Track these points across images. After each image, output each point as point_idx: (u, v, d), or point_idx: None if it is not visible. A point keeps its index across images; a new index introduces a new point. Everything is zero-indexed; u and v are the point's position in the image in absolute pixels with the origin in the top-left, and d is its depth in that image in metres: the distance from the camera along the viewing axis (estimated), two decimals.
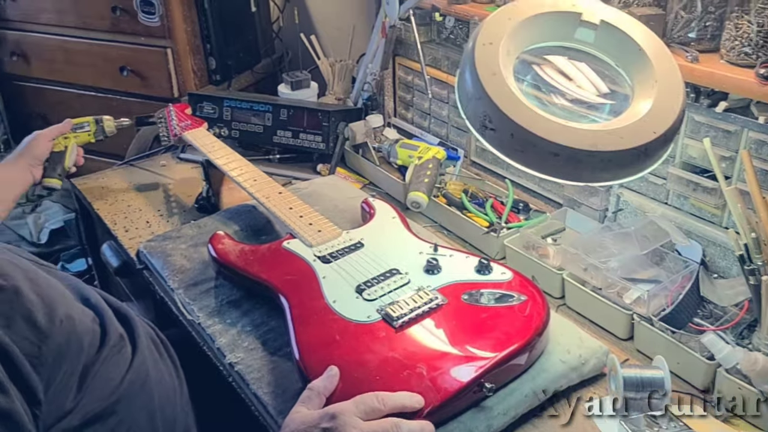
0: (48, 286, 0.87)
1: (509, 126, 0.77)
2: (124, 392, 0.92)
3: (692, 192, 1.14)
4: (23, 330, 0.78)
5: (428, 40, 1.69)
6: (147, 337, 1.03)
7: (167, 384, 1.03)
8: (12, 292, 0.80)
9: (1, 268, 0.82)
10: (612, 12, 0.91)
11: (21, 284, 0.81)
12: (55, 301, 0.85)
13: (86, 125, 1.57)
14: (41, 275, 0.88)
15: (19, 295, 0.80)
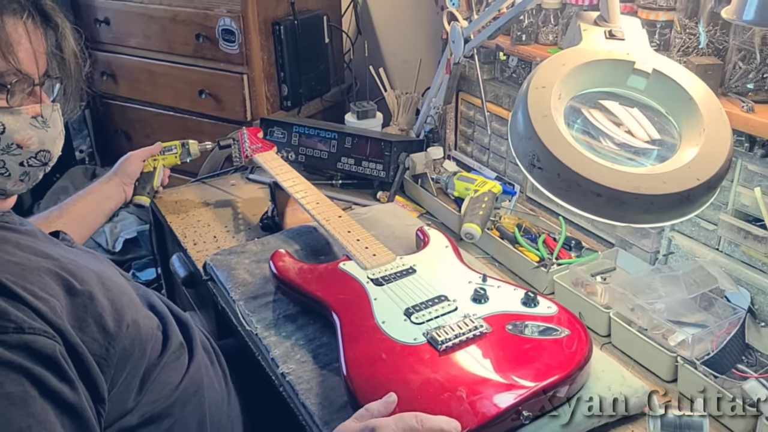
0: (120, 291, 0.92)
1: (556, 166, 0.82)
2: (180, 396, 0.98)
3: (743, 239, 1.15)
4: (93, 332, 0.83)
5: (491, 78, 1.74)
6: (202, 346, 1.10)
7: (217, 392, 1.08)
8: (87, 296, 0.85)
9: (79, 272, 0.87)
10: (664, 61, 0.95)
11: (95, 289, 0.86)
12: (124, 306, 0.90)
13: (173, 148, 1.68)
14: (114, 280, 0.94)
15: (92, 300, 0.85)
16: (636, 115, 0.95)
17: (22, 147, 0.87)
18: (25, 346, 0.73)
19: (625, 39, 0.97)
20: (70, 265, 0.87)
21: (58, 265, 0.85)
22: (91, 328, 0.83)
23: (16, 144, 0.86)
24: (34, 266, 0.82)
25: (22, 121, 0.86)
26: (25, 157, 0.88)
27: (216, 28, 2.11)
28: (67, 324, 0.79)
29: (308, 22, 2.22)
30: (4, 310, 0.74)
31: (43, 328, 0.76)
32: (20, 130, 0.86)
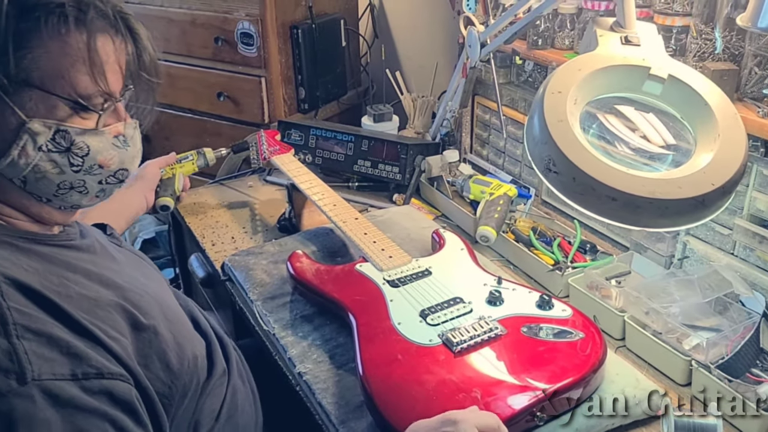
0: (178, 321, 0.92)
1: (571, 170, 0.83)
2: (220, 425, 0.98)
3: (758, 244, 1.15)
4: (157, 370, 0.83)
5: (507, 82, 1.75)
6: (237, 365, 1.09)
7: (248, 414, 1.08)
8: (152, 332, 0.84)
9: (143, 304, 0.86)
10: (680, 67, 0.96)
11: (158, 322, 0.86)
12: (184, 339, 0.90)
13: (189, 156, 1.71)
14: (173, 309, 0.93)
15: (157, 335, 0.84)
16: (652, 120, 0.95)
17: (103, 167, 0.86)
18: (106, 391, 0.74)
19: (641, 45, 0.98)
20: (133, 296, 0.86)
21: (122, 296, 0.85)
22: (156, 365, 0.83)
23: (98, 165, 0.85)
24: (104, 301, 0.81)
25: (105, 141, 0.85)
26: (104, 176, 0.87)
27: (235, 31, 2.13)
28: (136, 364, 0.79)
29: (326, 25, 2.24)
30: (85, 354, 0.74)
31: (119, 372, 0.76)
32: (103, 150, 0.85)
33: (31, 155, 0.79)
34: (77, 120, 0.81)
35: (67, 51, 0.77)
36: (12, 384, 0.68)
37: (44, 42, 0.76)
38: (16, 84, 0.75)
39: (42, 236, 0.86)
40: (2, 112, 0.77)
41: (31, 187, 0.82)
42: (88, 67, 0.79)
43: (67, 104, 0.79)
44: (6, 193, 0.83)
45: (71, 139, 0.81)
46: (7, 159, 0.79)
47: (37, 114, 0.78)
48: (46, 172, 0.81)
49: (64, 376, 0.71)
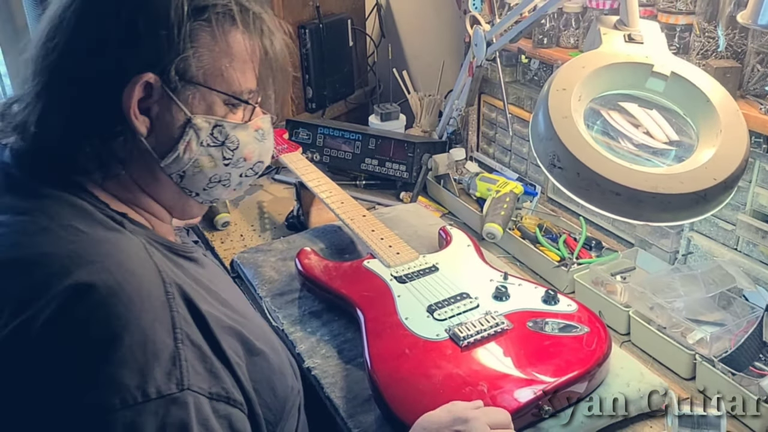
0: (276, 349, 0.90)
1: (575, 165, 0.85)
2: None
3: (761, 239, 1.16)
4: (267, 396, 0.83)
5: (513, 80, 1.77)
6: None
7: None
8: (263, 358, 0.84)
9: (253, 329, 0.85)
10: (682, 64, 0.97)
11: (265, 349, 0.85)
12: (283, 365, 0.89)
13: None
14: (266, 332, 0.91)
15: (267, 362, 0.84)
16: (655, 116, 0.97)
17: (247, 160, 0.89)
18: (228, 417, 0.74)
19: (644, 42, 0.99)
20: (242, 320, 0.86)
21: (236, 319, 0.84)
22: (266, 391, 0.84)
23: (243, 158, 0.88)
24: (225, 322, 0.81)
25: (249, 135, 0.87)
26: (245, 168, 0.90)
27: None
28: (252, 390, 0.80)
29: (333, 25, 2.25)
30: (220, 375, 0.74)
31: (240, 400, 0.76)
32: (248, 144, 0.87)
33: (194, 150, 0.82)
34: (230, 115, 0.84)
35: (225, 50, 0.81)
36: (173, 387, 0.69)
37: (208, 41, 0.79)
38: (183, 82, 0.78)
39: (176, 246, 0.86)
40: (170, 110, 0.80)
41: (187, 181, 0.85)
42: (241, 65, 0.83)
43: (225, 101, 0.83)
44: (161, 189, 0.86)
45: (226, 133, 0.84)
46: (173, 155, 0.82)
47: (198, 110, 0.81)
48: (203, 167, 0.84)
49: (204, 392, 0.72)
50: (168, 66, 0.77)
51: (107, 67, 0.76)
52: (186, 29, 0.77)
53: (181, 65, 0.78)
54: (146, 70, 0.76)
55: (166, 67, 0.77)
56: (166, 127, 0.80)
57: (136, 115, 0.77)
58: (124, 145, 0.79)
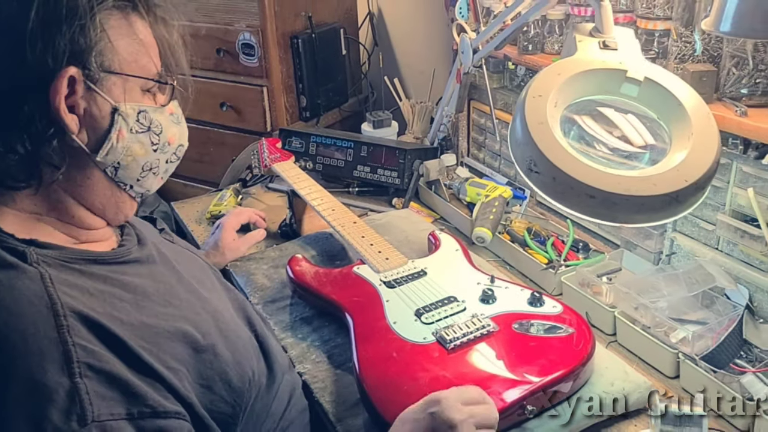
0: (235, 335, 0.92)
1: (551, 170, 0.87)
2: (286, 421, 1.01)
3: (740, 239, 1.18)
4: (221, 390, 0.85)
5: (501, 86, 1.79)
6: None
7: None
8: (211, 353, 0.85)
9: (202, 324, 0.87)
10: (655, 69, 1.00)
11: (217, 342, 0.87)
12: (241, 356, 0.91)
13: (224, 196, 1.84)
14: (228, 322, 0.93)
15: (216, 356, 0.85)
16: (632, 120, 0.99)
17: (170, 144, 0.91)
18: (159, 430, 0.74)
19: (618, 49, 1.02)
20: (191, 314, 0.88)
21: (181, 316, 0.86)
22: (218, 386, 0.85)
23: (167, 142, 0.90)
24: (162, 327, 0.82)
25: (167, 119, 0.90)
26: (170, 153, 0.92)
27: (236, 42, 2.18)
28: (193, 395, 0.80)
29: (325, 35, 2.29)
30: (143, 392, 0.74)
31: (175, 410, 0.76)
32: (169, 127, 0.90)
33: (126, 138, 0.84)
34: (147, 100, 0.87)
35: (134, 37, 0.83)
36: (73, 426, 0.68)
37: (118, 29, 0.81)
38: (103, 72, 0.80)
39: (103, 256, 0.86)
40: (96, 103, 0.81)
41: (122, 172, 0.86)
42: (150, 50, 0.86)
43: (143, 85, 0.85)
44: (94, 188, 0.86)
45: (150, 118, 0.86)
46: (107, 145, 0.83)
47: (121, 99, 0.83)
48: (136, 154, 0.86)
49: (121, 416, 0.72)
50: (87, 57, 0.78)
51: (29, 68, 0.75)
52: (97, 19, 0.79)
53: (99, 56, 0.79)
54: (67, 64, 0.77)
55: (86, 59, 0.78)
56: (95, 121, 0.82)
57: (65, 111, 0.78)
58: (57, 149, 0.79)
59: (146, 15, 0.85)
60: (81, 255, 0.83)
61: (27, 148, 0.77)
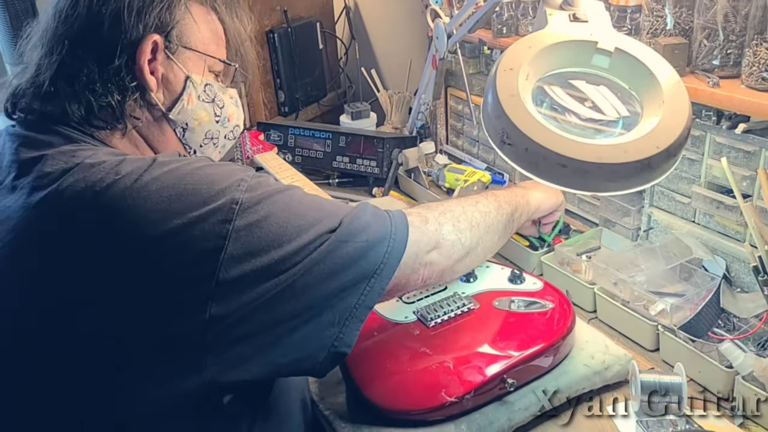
0: None
1: (524, 141, 0.87)
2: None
3: (716, 210, 1.20)
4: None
5: (477, 72, 1.80)
6: None
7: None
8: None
9: None
10: (626, 40, 1.00)
11: None
12: None
13: None
14: None
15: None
16: (603, 91, 1.00)
17: (230, 121, 1.05)
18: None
19: (589, 21, 1.03)
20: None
21: None
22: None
23: (227, 118, 1.04)
24: None
25: (228, 98, 1.04)
26: (228, 129, 1.05)
27: None
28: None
29: (302, 29, 2.28)
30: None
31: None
32: (230, 105, 1.04)
33: (194, 102, 0.97)
34: (213, 78, 1.01)
35: (210, 24, 0.99)
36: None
37: (198, 14, 0.96)
38: (179, 46, 0.94)
39: None
40: (172, 70, 0.94)
41: (189, 135, 0.99)
42: (220, 39, 1.00)
43: (211, 65, 0.99)
44: (166, 142, 0.97)
45: (215, 92, 1.01)
46: (179, 105, 0.96)
47: (192, 71, 0.97)
48: (202, 120, 0.99)
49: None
50: (170, 30, 0.92)
51: (124, 30, 0.88)
52: (183, 3, 0.94)
53: (180, 32, 0.93)
54: (153, 32, 0.90)
55: (169, 32, 0.92)
56: (171, 84, 0.95)
57: (147, 71, 0.91)
58: (138, 102, 0.92)
59: (224, 11, 1.01)
60: None
61: (115, 97, 0.89)
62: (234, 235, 0.76)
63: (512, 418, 1.00)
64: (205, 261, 0.75)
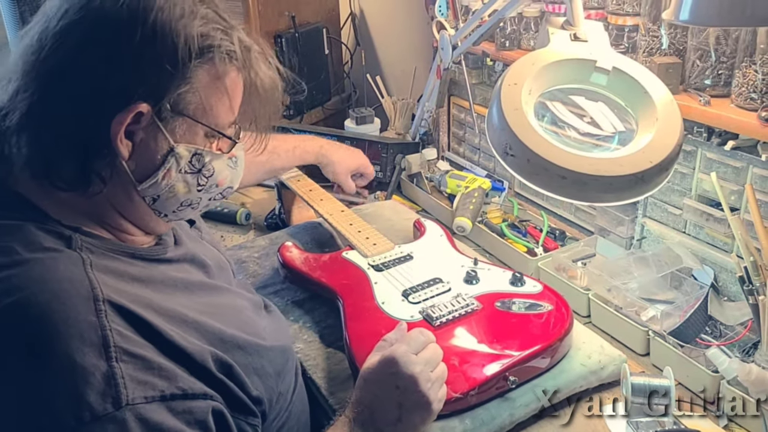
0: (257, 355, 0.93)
1: (526, 153, 0.94)
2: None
3: (705, 222, 1.26)
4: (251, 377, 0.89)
5: (480, 82, 1.86)
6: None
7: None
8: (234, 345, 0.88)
9: (225, 318, 0.90)
10: (623, 59, 1.07)
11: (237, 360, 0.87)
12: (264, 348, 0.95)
13: None
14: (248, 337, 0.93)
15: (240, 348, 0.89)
16: (601, 107, 1.07)
17: (219, 186, 0.92)
18: (188, 411, 0.77)
19: (588, 41, 1.09)
20: (217, 309, 0.91)
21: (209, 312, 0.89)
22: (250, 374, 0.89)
23: (216, 184, 0.92)
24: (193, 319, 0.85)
25: (223, 163, 0.91)
26: (215, 193, 0.93)
27: None
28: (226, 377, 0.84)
29: (309, 34, 2.33)
30: (174, 374, 0.78)
31: (203, 392, 0.80)
32: (222, 171, 0.91)
33: (172, 177, 0.86)
34: (208, 145, 0.88)
35: (219, 87, 0.84)
36: (108, 407, 0.71)
37: (206, 79, 0.83)
38: (174, 113, 0.81)
39: (141, 251, 0.90)
40: (155, 138, 0.82)
41: (160, 204, 0.88)
42: (231, 101, 0.87)
43: (207, 133, 0.87)
44: (133, 209, 0.88)
45: (204, 161, 0.88)
46: (152, 180, 0.85)
47: (182, 140, 0.84)
48: (178, 192, 0.88)
49: (155, 399, 0.74)
50: (163, 99, 0.79)
51: (108, 91, 0.78)
52: (189, 67, 0.80)
53: (176, 99, 0.80)
54: (143, 100, 0.78)
55: (162, 100, 0.79)
56: (149, 153, 0.83)
57: (121, 139, 0.79)
58: (107, 166, 0.81)
59: (243, 65, 0.86)
60: (121, 247, 0.87)
61: (81, 157, 0.80)
62: None
63: (513, 414, 1.04)
64: None
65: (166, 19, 0.79)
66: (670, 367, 1.08)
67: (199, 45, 0.81)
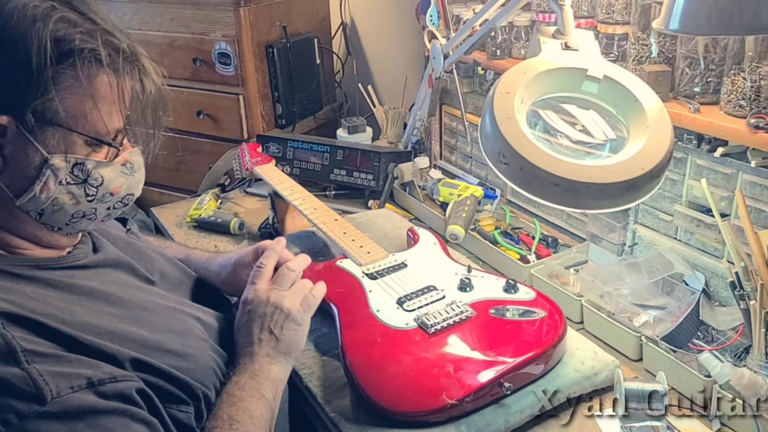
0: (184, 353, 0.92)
1: (519, 161, 0.95)
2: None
3: (696, 228, 1.27)
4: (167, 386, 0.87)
5: (471, 91, 1.88)
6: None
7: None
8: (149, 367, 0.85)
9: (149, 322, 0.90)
10: (613, 68, 1.08)
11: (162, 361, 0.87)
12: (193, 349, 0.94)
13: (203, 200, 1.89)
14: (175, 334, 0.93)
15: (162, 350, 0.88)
16: (592, 116, 1.08)
17: (114, 194, 0.89)
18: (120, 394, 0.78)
19: (579, 50, 1.11)
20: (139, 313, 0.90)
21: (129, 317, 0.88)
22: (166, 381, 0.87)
23: (110, 193, 0.88)
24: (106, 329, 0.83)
25: (115, 171, 0.88)
26: (113, 202, 0.90)
27: (212, 52, 2.23)
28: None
29: (300, 44, 2.35)
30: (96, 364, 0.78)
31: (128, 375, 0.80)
32: (114, 179, 0.88)
33: (52, 189, 0.82)
34: (93, 154, 0.85)
35: (91, 92, 0.81)
36: (33, 406, 0.71)
37: (72, 84, 0.79)
38: (41, 123, 0.78)
39: (48, 261, 0.88)
40: (25, 150, 0.79)
41: (47, 218, 0.85)
42: (107, 106, 0.83)
43: (87, 141, 0.83)
44: (19, 224, 0.85)
45: (88, 171, 0.84)
46: (29, 195, 0.82)
47: (57, 150, 0.81)
48: (64, 204, 0.85)
49: (81, 387, 0.74)
50: (25, 109, 0.76)
51: None
52: (48, 74, 0.76)
53: (40, 108, 0.77)
54: (2, 112, 0.76)
55: (23, 110, 0.76)
56: (21, 167, 0.80)
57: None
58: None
59: (114, 69, 0.82)
60: (23, 261, 0.85)
61: None
62: None
63: (509, 420, 1.05)
64: None
65: (15, 25, 0.76)
66: (663, 372, 1.10)
67: (57, 50, 0.77)
